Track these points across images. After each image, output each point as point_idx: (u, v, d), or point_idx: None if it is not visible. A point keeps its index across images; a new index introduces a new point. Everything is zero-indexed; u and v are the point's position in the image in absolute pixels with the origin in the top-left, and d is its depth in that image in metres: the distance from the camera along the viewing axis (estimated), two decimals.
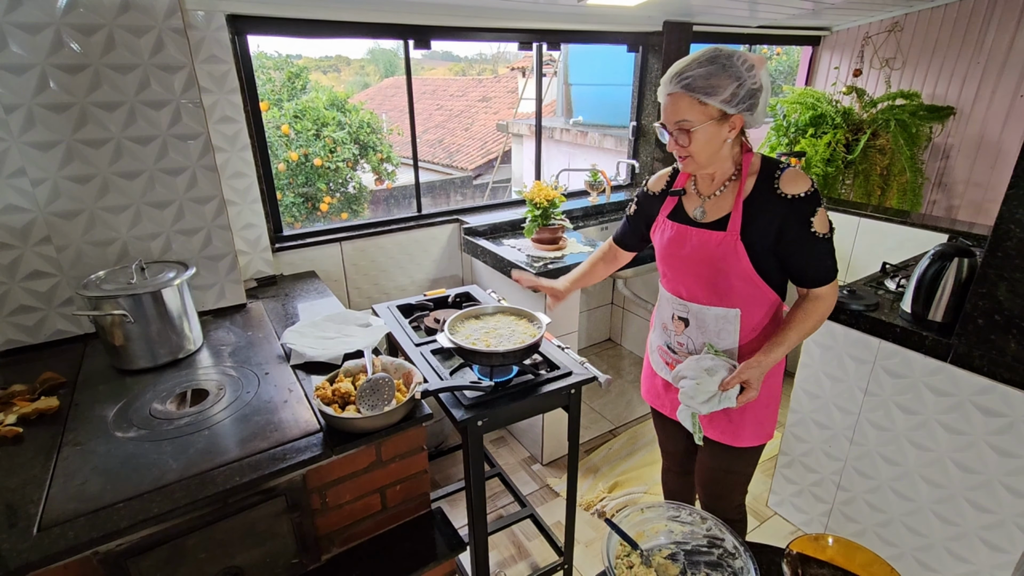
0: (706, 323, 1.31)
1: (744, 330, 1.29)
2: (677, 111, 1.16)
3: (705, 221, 1.28)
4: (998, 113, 2.97)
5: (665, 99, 1.18)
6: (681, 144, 1.18)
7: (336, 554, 1.29)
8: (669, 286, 1.38)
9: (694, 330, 1.34)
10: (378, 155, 5.38)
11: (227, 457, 1.13)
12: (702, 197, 1.30)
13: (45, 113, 1.46)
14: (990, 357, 1.45)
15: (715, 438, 1.40)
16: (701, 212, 1.29)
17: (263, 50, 5.59)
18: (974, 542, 1.57)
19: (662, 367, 1.47)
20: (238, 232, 2.00)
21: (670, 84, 1.16)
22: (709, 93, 1.13)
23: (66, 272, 1.60)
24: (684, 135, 1.17)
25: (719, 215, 1.25)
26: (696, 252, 1.27)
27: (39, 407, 1.26)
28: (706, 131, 1.16)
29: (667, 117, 1.18)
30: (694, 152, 1.19)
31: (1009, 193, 1.37)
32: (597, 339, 3.60)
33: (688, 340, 1.36)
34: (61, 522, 0.96)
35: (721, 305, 1.28)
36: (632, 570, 0.96)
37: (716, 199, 1.27)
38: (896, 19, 3.27)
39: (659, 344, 1.47)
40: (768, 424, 1.40)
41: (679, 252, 1.30)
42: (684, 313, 1.34)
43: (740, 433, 1.37)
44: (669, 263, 1.35)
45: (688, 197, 1.34)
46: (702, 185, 1.30)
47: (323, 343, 1.54)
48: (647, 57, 3.11)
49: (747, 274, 1.23)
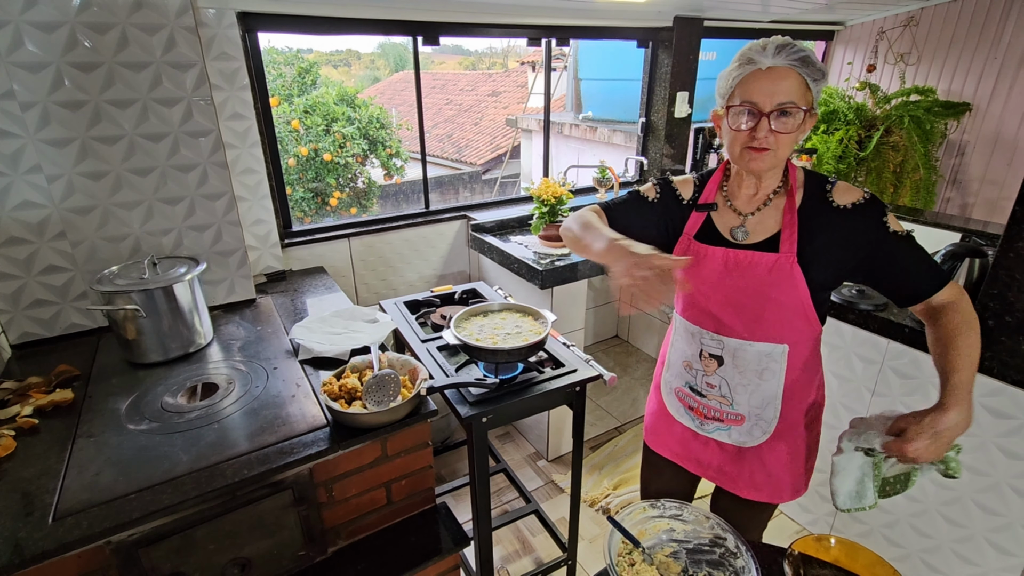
0: (747, 361, 1.11)
1: (790, 368, 1.11)
2: (783, 90, 0.95)
3: (748, 242, 1.09)
4: (1015, 110, 2.91)
5: (755, 76, 0.97)
6: (779, 130, 0.96)
7: (342, 547, 1.31)
8: (697, 318, 1.16)
9: (730, 369, 1.13)
10: (387, 150, 5.39)
11: (236, 450, 1.15)
12: (741, 215, 1.11)
13: (60, 111, 1.48)
14: (1000, 359, 1.44)
15: (751, 497, 1.23)
16: (744, 232, 1.09)
17: (274, 45, 5.62)
18: (981, 544, 1.56)
19: (683, 413, 1.25)
20: (248, 228, 2.02)
21: (775, 56, 0.94)
22: (817, 79, 0.96)
23: (80, 267, 1.63)
24: (783, 120, 0.96)
25: (766, 234, 1.07)
26: (737, 278, 1.07)
27: (54, 399, 1.29)
28: (801, 122, 0.97)
29: (761, 96, 0.96)
30: (782, 144, 0.98)
31: (1023, 193, 1.35)
32: (604, 336, 3.60)
33: (722, 381, 1.15)
34: (75, 512, 0.99)
35: (766, 340, 1.09)
36: (634, 568, 0.97)
37: (759, 216, 1.09)
38: (912, 13, 3.22)
39: (678, 386, 1.25)
40: (808, 476, 1.24)
41: (716, 279, 1.10)
42: (718, 350, 1.14)
43: (780, 491, 1.21)
44: (701, 292, 1.13)
45: (720, 214, 1.13)
46: (740, 201, 1.11)
47: (331, 339, 1.55)
48: (657, 53, 3.09)
49: (801, 302, 1.05)
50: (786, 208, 1.06)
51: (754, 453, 1.19)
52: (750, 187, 1.10)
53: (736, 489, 1.24)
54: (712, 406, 1.19)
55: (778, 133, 0.97)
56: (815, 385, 1.19)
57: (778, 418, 1.14)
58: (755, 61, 0.96)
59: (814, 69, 0.96)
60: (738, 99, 0.99)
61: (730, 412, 1.17)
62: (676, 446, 1.30)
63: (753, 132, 0.98)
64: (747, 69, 0.98)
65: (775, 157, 1.00)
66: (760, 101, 0.96)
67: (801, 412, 1.17)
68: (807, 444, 1.20)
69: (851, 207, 1.02)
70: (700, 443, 1.25)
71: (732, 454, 1.21)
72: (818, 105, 1.01)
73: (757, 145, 0.99)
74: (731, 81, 1.01)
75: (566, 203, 2.41)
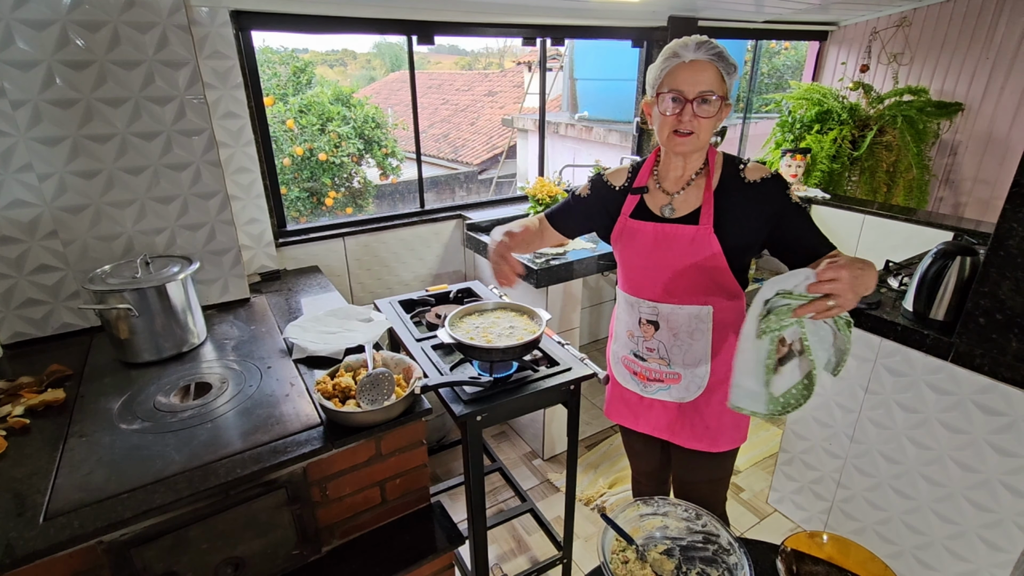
0: (678, 323, 1.26)
1: (716, 328, 1.26)
2: (703, 80, 1.09)
3: (674, 217, 1.24)
4: (1007, 110, 2.94)
5: (680, 68, 1.11)
6: (700, 115, 1.11)
7: (336, 546, 1.31)
8: (634, 289, 1.31)
9: (665, 333, 1.28)
10: (383, 150, 5.39)
11: (229, 449, 1.14)
12: (669, 194, 1.26)
13: (51, 109, 1.47)
14: (991, 356, 1.45)
15: (692, 447, 1.36)
16: (670, 209, 1.24)
17: (268, 44, 5.61)
18: (974, 541, 1.57)
19: (629, 378, 1.40)
20: (242, 227, 2.01)
21: (696, 51, 1.09)
22: (730, 72, 1.11)
23: (72, 266, 1.62)
24: (704, 106, 1.11)
25: (688, 210, 1.22)
26: (667, 249, 1.22)
27: (46, 399, 1.28)
28: (719, 109, 1.12)
29: (685, 86, 1.10)
30: (703, 128, 1.13)
31: (1013, 191, 1.36)
32: (600, 335, 3.60)
33: (659, 344, 1.30)
34: (67, 511, 0.98)
35: (693, 303, 1.24)
36: (627, 565, 0.97)
37: (683, 195, 1.24)
38: (904, 14, 3.24)
39: (624, 354, 1.39)
40: (744, 425, 1.37)
41: (646, 251, 1.26)
42: (653, 316, 1.28)
43: (717, 439, 1.34)
44: (635, 263, 1.29)
45: (651, 195, 1.28)
46: (668, 182, 1.26)
47: (325, 338, 1.55)
48: (652, 53, 3.10)
49: (719, 267, 1.20)
50: (706, 186, 1.21)
51: (692, 407, 1.33)
52: (677, 169, 1.25)
53: (681, 441, 1.37)
54: (653, 368, 1.33)
55: (700, 118, 1.12)
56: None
57: (710, 373, 1.29)
58: (679, 55, 1.11)
59: (728, 63, 1.11)
60: (666, 88, 1.13)
61: (668, 372, 1.32)
62: (628, 412, 1.45)
63: (679, 116, 1.12)
64: (673, 62, 1.12)
65: (698, 140, 1.15)
66: (685, 89, 1.11)
67: (729, 367, 1.24)
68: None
69: (759, 181, 1.18)
70: (646, 405, 1.40)
71: (674, 411, 1.36)
72: (732, 99, 1.15)
73: (682, 129, 1.13)
74: (659, 72, 1.15)
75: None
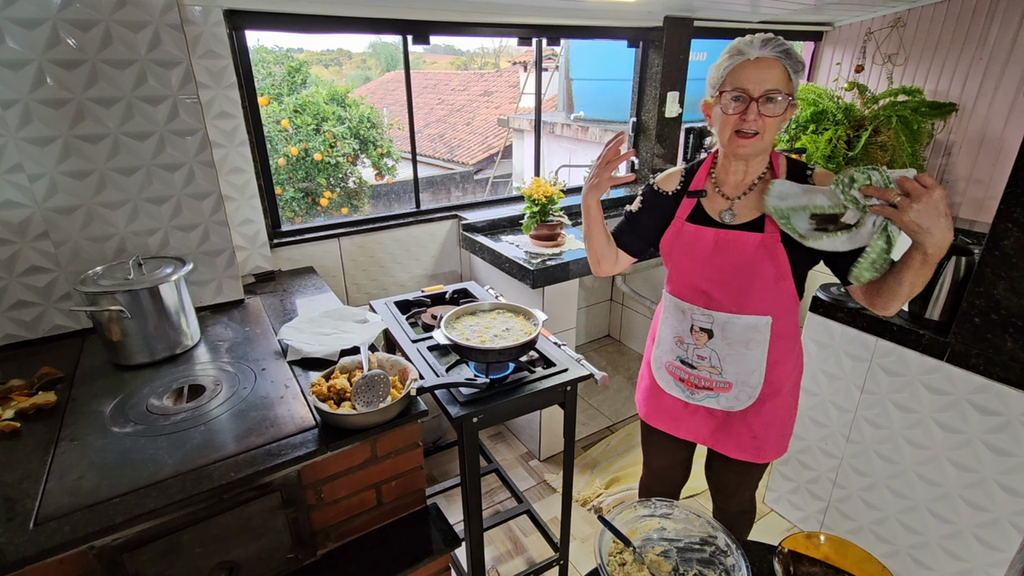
0: (734, 333, 1.22)
1: (773, 338, 1.22)
2: (770, 78, 1.05)
3: (736, 223, 1.19)
4: (1001, 110, 2.95)
5: (744, 65, 1.06)
6: (766, 114, 1.06)
7: (332, 549, 1.30)
8: (688, 295, 1.26)
9: (719, 341, 1.24)
10: (378, 150, 5.37)
11: (223, 452, 1.13)
12: (729, 199, 1.20)
13: (42, 109, 1.46)
14: (986, 356, 1.45)
15: (737, 456, 1.34)
16: (730, 215, 1.19)
17: (263, 44, 5.58)
18: (969, 540, 1.58)
19: (673, 385, 1.36)
20: (236, 228, 2.00)
21: (762, 48, 1.05)
22: (798, 71, 1.07)
23: (64, 268, 1.61)
24: (769, 105, 1.06)
25: (751, 216, 1.17)
26: (726, 256, 1.18)
27: (37, 402, 1.27)
28: (785, 109, 1.07)
29: (750, 84, 1.05)
30: (768, 129, 1.08)
31: (1007, 191, 1.36)
32: (596, 335, 3.60)
33: (712, 353, 1.26)
34: (57, 516, 0.97)
35: (752, 313, 1.19)
36: (624, 567, 0.97)
37: (745, 200, 1.19)
38: (899, 14, 3.25)
39: (669, 360, 1.35)
40: (786, 439, 1.36)
41: (704, 257, 1.21)
42: (707, 324, 1.24)
43: (763, 450, 1.31)
44: (690, 269, 1.24)
45: (709, 199, 1.23)
46: (728, 186, 1.21)
47: (320, 339, 1.54)
48: (647, 53, 3.10)
49: (783, 277, 1.15)
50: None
51: (740, 417, 1.30)
52: (738, 173, 1.19)
53: (725, 450, 1.34)
54: (703, 376, 1.29)
55: (765, 117, 1.07)
56: (795, 353, 1.30)
57: (762, 383, 1.26)
58: (744, 52, 1.06)
59: (795, 61, 1.07)
60: (729, 86, 1.08)
61: (719, 380, 1.28)
62: (668, 417, 1.41)
63: (743, 116, 1.07)
64: (737, 59, 1.07)
65: (761, 142, 1.10)
66: (749, 88, 1.06)
67: (783, 378, 1.28)
68: (788, 408, 1.32)
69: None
70: (690, 412, 1.36)
71: (721, 419, 1.33)
72: (796, 99, 1.10)
73: (746, 129, 1.08)
74: (722, 71, 1.10)
75: (557, 202, 2.41)
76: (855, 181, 0.97)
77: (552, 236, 2.42)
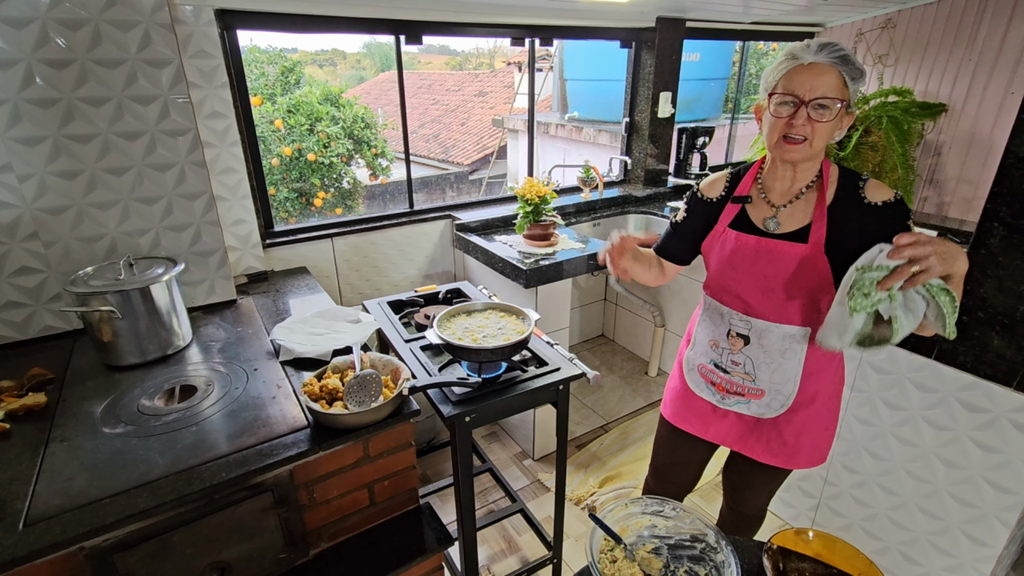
0: (771, 342, 1.20)
1: (810, 349, 1.20)
2: (822, 84, 1.03)
3: (779, 232, 1.16)
4: (989, 110, 2.98)
5: (798, 70, 1.04)
6: (816, 120, 1.04)
7: (324, 549, 1.30)
8: (728, 299, 1.25)
9: (755, 348, 1.22)
10: (372, 150, 5.36)
11: (215, 453, 1.13)
12: (774, 207, 1.18)
13: (31, 108, 1.45)
14: (974, 353, 1.47)
15: (769, 462, 1.32)
16: (775, 223, 1.17)
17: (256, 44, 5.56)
18: (957, 536, 1.59)
19: (704, 387, 1.35)
20: (228, 228, 1.99)
21: (817, 54, 1.03)
22: (855, 78, 1.04)
23: (54, 268, 1.60)
24: (820, 111, 1.04)
25: (796, 225, 1.15)
26: (767, 265, 1.16)
27: (26, 403, 1.26)
28: (837, 116, 1.05)
29: (801, 88, 1.04)
30: (818, 136, 1.05)
31: (993, 191, 1.38)
32: (590, 335, 3.61)
33: (746, 359, 1.24)
34: (47, 517, 0.97)
35: (790, 323, 1.18)
36: (616, 564, 0.97)
37: (791, 208, 1.16)
38: (889, 15, 3.27)
39: (702, 363, 1.34)
40: (825, 448, 1.31)
41: (745, 264, 1.19)
42: (745, 330, 1.23)
43: (796, 457, 1.29)
44: (731, 275, 1.22)
45: (755, 205, 1.21)
46: (775, 193, 1.19)
47: (312, 339, 1.54)
48: (640, 53, 3.11)
49: (824, 289, 1.13)
50: (817, 202, 1.13)
51: (771, 423, 1.28)
52: (785, 180, 1.17)
53: (753, 454, 1.33)
54: (735, 382, 1.28)
55: (815, 122, 1.05)
56: (834, 364, 1.27)
57: (796, 393, 1.23)
58: (799, 57, 1.05)
59: (853, 67, 1.04)
60: (781, 89, 1.07)
61: (752, 387, 1.26)
62: (696, 419, 1.39)
63: (791, 120, 1.06)
64: (791, 63, 1.06)
65: (810, 148, 1.07)
66: (801, 92, 1.04)
67: (819, 387, 1.25)
68: (824, 416, 1.28)
69: (881, 204, 1.09)
70: (719, 415, 1.35)
71: (750, 424, 1.31)
72: (854, 107, 1.08)
73: (794, 134, 1.06)
74: (776, 74, 1.09)
75: (550, 202, 2.42)
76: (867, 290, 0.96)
77: (545, 236, 2.43)
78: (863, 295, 0.97)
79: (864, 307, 0.97)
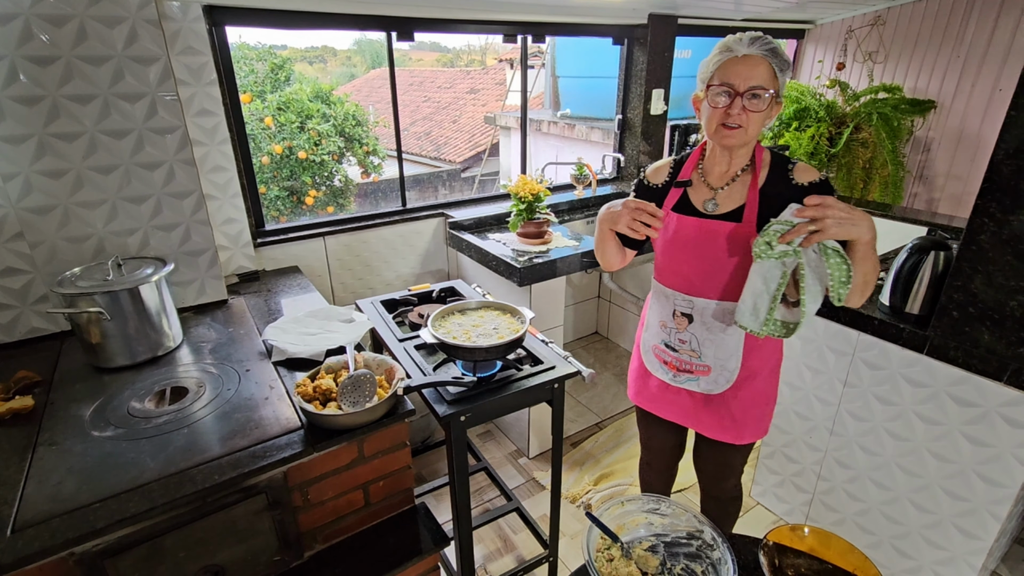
0: (712, 318, 1.28)
1: None
2: (755, 75, 1.10)
3: (717, 213, 1.24)
4: (978, 107, 3.01)
5: (732, 62, 1.11)
6: (751, 110, 1.12)
7: (319, 550, 1.29)
8: (671, 281, 1.33)
9: (698, 326, 1.30)
10: (364, 148, 5.32)
11: (207, 455, 1.12)
12: (713, 189, 1.26)
13: (15, 106, 1.42)
14: (965, 349, 1.48)
15: (718, 438, 1.41)
16: (713, 204, 1.25)
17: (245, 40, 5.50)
18: (949, 529, 1.61)
19: (659, 367, 1.43)
20: (218, 227, 1.97)
21: (749, 46, 1.10)
22: (783, 69, 1.12)
23: (40, 269, 1.57)
24: (754, 101, 1.11)
25: (732, 207, 1.23)
26: (706, 245, 1.23)
27: (13, 407, 1.24)
28: (768, 105, 1.13)
29: (737, 80, 1.11)
30: (752, 123, 1.13)
31: (983, 187, 1.39)
32: (584, 333, 3.62)
33: (692, 337, 1.32)
34: (36, 523, 0.95)
35: (728, 299, 1.25)
36: (612, 563, 0.97)
37: (728, 190, 1.24)
38: (879, 13, 3.29)
39: (655, 343, 1.42)
40: (766, 421, 1.42)
41: (686, 245, 1.26)
42: (688, 309, 1.30)
43: (742, 432, 1.38)
44: (674, 256, 1.30)
45: (695, 188, 1.29)
46: (713, 177, 1.27)
47: (305, 339, 1.53)
48: (632, 50, 3.11)
49: None
50: (751, 183, 1.21)
51: (720, 400, 1.36)
52: (723, 164, 1.25)
53: (706, 431, 1.42)
54: (684, 359, 1.36)
55: (749, 111, 1.12)
56: (772, 339, 1.33)
57: (739, 368, 1.31)
58: (733, 50, 1.12)
59: (781, 60, 1.12)
60: (717, 80, 1.14)
61: (698, 364, 1.34)
62: (653, 398, 1.49)
63: (728, 109, 1.13)
64: (725, 56, 1.13)
65: (745, 134, 1.15)
66: (736, 83, 1.11)
67: (760, 363, 1.34)
68: (766, 391, 1.38)
69: (808, 185, 1.18)
70: (673, 393, 1.43)
71: (701, 401, 1.39)
72: (783, 97, 1.16)
73: (731, 122, 1.14)
74: (711, 66, 1.16)
75: (543, 200, 2.41)
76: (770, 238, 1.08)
77: (539, 234, 2.43)
78: (766, 243, 1.09)
79: (767, 255, 1.09)
